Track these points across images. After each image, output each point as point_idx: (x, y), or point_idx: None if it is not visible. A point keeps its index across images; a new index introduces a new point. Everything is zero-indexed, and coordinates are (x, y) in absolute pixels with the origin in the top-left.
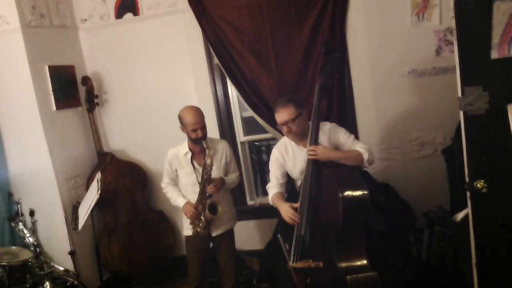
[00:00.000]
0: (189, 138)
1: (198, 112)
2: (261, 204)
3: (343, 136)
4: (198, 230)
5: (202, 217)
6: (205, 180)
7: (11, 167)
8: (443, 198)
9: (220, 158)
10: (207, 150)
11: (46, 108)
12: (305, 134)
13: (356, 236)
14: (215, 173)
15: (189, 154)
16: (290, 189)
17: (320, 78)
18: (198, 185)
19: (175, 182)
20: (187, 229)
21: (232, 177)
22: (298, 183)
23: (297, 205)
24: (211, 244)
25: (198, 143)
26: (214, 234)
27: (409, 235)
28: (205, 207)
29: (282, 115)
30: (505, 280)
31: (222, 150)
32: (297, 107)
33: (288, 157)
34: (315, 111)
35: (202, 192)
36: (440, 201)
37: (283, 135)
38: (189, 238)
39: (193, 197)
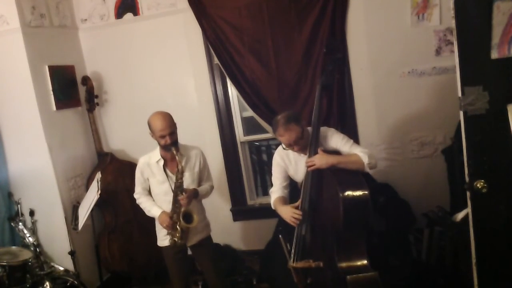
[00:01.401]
0: (159, 144)
1: (166, 118)
2: (261, 204)
3: (340, 141)
4: (176, 240)
5: (177, 227)
6: (177, 188)
7: (11, 167)
8: (443, 198)
9: (193, 165)
10: (177, 157)
11: (46, 108)
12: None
13: (357, 236)
14: (188, 181)
15: (161, 162)
16: (290, 189)
17: (322, 78)
18: (171, 193)
19: (147, 191)
20: (161, 240)
21: (205, 188)
22: (302, 183)
23: (297, 203)
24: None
25: (168, 150)
26: (189, 244)
27: (409, 235)
28: (179, 216)
29: (288, 137)
30: (505, 280)
31: (195, 157)
32: (297, 123)
33: (289, 162)
34: (316, 111)
35: (175, 201)
36: (440, 201)
37: None
38: (166, 249)
39: (167, 206)
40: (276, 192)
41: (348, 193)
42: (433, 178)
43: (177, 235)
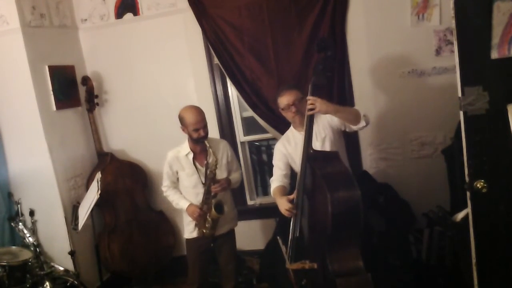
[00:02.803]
0: (191, 138)
1: (199, 112)
2: (261, 204)
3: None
4: (204, 231)
5: (208, 217)
6: (210, 180)
7: (11, 167)
8: (443, 198)
9: (221, 157)
10: (210, 149)
11: (46, 108)
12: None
13: (348, 238)
14: (217, 172)
15: (191, 155)
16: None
17: (313, 78)
18: (200, 186)
19: (175, 184)
20: (189, 232)
21: (236, 176)
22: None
23: (292, 196)
24: (212, 245)
25: (200, 143)
26: (217, 233)
27: (409, 235)
28: (211, 207)
29: (288, 97)
30: (505, 280)
31: (223, 149)
32: (300, 91)
33: (290, 146)
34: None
35: (207, 192)
36: (440, 201)
37: (282, 134)
38: (191, 241)
39: (195, 198)
40: (276, 180)
41: (337, 194)
42: (433, 178)
43: (207, 225)
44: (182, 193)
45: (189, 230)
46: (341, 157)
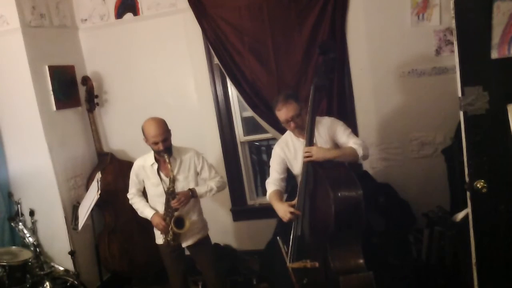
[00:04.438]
0: (152, 149)
1: (160, 125)
2: (261, 204)
3: (339, 129)
4: (169, 240)
5: (169, 230)
6: (169, 194)
7: (11, 167)
8: (443, 198)
9: (187, 168)
10: (168, 165)
11: (46, 108)
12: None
13: (350, 236)
14: (183, 184)
15: (155, 165)
16: (290, 189)
17: (315, 79)
18: (165, 195)
19: (140, 193)
20: (158, 238)
21: (209, 185)
22: (300, 178)
23: (294, 202)
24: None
25: (161, 156)
26: (184, 245)
27: (409, 235)
28: (171, 220)
29: (286, 112)
30: (505, 280)
31: (189, 159)
32: (297, 101)
33: (289, 151)
34: (311, 112)
35: (168, 206)
36: (440, 201)
37: (282, 134)
38: (161, 247)
39: (161, 207)
40: (273, 184)
41: (340, 193)
42: (433, 178)
43: (170, 237)
44: (149, 201)
45: (157, 235)
46: None
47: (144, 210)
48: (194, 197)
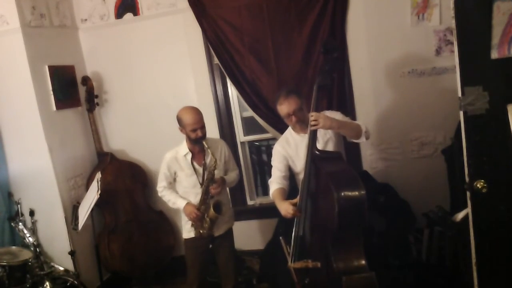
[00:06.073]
0: (189, 138)
1: (197, 112)
2: (261, 204)
3: (338, 117)
4: (202, 231)
5: (206, 218)
6: (209, 180)
7: (11, 167)
8: (443, 198)
9: (219, 157)
10: (208, 150)
11: (46, 108)
12: (306, 122)
13: (353, 236)
14: (216, 172)
15: (189, 155)
16: (290, 189)
17: (318, 78)
18: (199, 186)
19: (171, 185)
20: (187, 232)
21: (232, 176)
22: (301, 176)
23: (296, 200)
24: (210, 245)
25: (198, 143)
26: (216, 234)
27: (409, 235)
28: (209, 207)
29: (288, 106)
30: (505, 280)
31: (220, 149)
32: (299, 96)
33: (290, 148)
34: (313, 111)
35: (206, 192)
36: (440, 201)
37: (282, 134)
38: (190, 241)
39: (194, 198)
40: (275, 182)
41: (343, 193)
42: (433, 178)
43: (205, 225)
44: (181, 193)
45: (187, 229)
46: None
47: (177, 201)
48: (224, 185)
